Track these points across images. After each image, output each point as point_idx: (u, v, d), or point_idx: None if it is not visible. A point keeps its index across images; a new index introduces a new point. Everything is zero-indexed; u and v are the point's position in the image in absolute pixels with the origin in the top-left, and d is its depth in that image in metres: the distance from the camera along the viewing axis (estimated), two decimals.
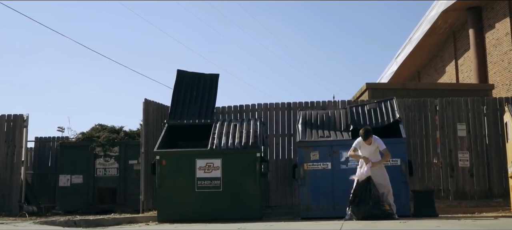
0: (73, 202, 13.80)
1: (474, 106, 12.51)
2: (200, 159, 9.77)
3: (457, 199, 12.03)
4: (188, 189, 9.71)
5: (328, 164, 9.69)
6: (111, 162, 14.13)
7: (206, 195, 9.69)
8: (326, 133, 10.12)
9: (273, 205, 12.38)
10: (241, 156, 9.78)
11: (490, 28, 19.12)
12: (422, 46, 23.47)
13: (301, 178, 9.70)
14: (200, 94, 11.54)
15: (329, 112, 10.76)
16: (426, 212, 8.89)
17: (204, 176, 9.73)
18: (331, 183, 9.64)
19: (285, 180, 12.34)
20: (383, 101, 10.54)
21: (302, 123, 10.35)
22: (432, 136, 12.38)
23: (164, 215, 9.66)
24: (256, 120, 10.56)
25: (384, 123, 10.09)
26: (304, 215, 9.65)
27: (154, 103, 12.44)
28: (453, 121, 12.42)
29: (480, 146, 12.38)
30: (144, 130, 11.95)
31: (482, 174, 12.24)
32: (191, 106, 11.32)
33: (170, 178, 9.77)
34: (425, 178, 12.24)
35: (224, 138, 9.97)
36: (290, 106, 12.84)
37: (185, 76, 11.75)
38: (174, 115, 11.16)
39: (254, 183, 9.67)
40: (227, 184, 9.69)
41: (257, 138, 9.92)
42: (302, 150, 9.80)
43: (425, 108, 12.52)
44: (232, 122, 10.54)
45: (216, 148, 9.83)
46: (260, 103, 13.02)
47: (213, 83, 11.71)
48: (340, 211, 9.14)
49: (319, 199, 9.65)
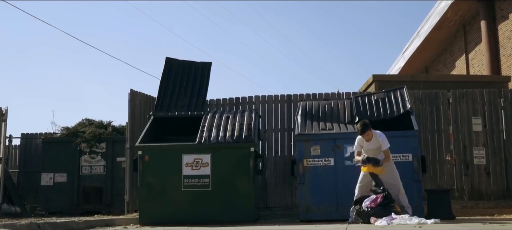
0: (56, 202, 12.88)
1: (491, 99, 11.49)
2: (187, 155, 8.73)
3: (472, 199, 11.04)
4: (173, 188, 8.68)
5: (331, 160, 8.63)
6: (98, 159, 13.17)
7: (194, 195, 8.65)
8: (329, 125, 9.06)
9: (271, 206, 11.37)
10: (233, 150, 8.74)
11: (503, 19, 18.02)
12: (430, 40, 22.36)
13: (300, 175, 8.65)
14: (190, 84, 10.48)
15: (332, 103, 9.70)
16: (442, 214, 7.82)
17: (192, 173, 8.69)
18: (334, 181, 8.59)
19: (284, 179, 11.29)
20: (392, 91, 9.46)
21: (302, 114, 9.30)
22: (444, 130, 11.37)
23: (146, 217, 8.64)
24: (251, 112, 9.51)
25: (394, 114, 9.01)
26: (303, 217, 8.60)
27: (142, 95, 11.43)
28: (468, 115, 11.42)
29: (497, 142, 11.36)
30: (129, 124, 10.95)
31: (499, 172, 11.23)
32: (180, 97, 10.26)
33: (153, 176, 8.75)
34: (437, 177, 11.23)
35: (214, 131, 8.93)
36: (290, 98, 11.79)
37: (174, 64, 10.70)
38: (161, 106, 10.11)
39: (247, 181, 8.61)
40: (217, 182, 8.65)
41: (251, 131, 8.88)
42: (302, 144, 8.75)
43: (437, 101, 11.51)
44: (224, 113, 9.51)
45: (205, 142, 8.79)
46: (258, 96, 11.99)
47: (205, 72, 10.64)
48: (344, 212, 8.11)
49: (321, 199, 8.61)
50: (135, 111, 11.13)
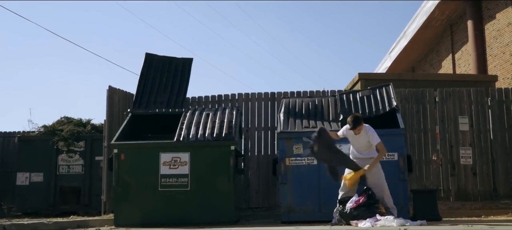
0: (32, 202, 12.46)
1: (478, 98, 11.29)
2: (165, 153, 8.37)
3: (458, 200, 10.82)
4: (150, 187, 8.31)
5: (314, 159, 8.32)
6: (76, 158, 12.75)
7: (172, 195, 8.29)
8: (312, 123, 8.74)
9: (254, 207, 11.05)
10: (212, 149, 8.39)
11: (490, 18, 17.90)
12: (417, 40, 22.21)
13: (282, 175, 8.32)
14: (170, 80, 10.15)
15: (316, 100, 9.39)
16: (428, 215, 7.53)
17: (170, 172, 8.33)
18: (317, 180, 8.26)
19: (267, 179, 10.97)
20: (378, 88, 9.17)
21: (285, 112, 8.98)
22: (431, 130, 11.14)
23: (122, 218, 8.27)
24: (232, 109, 9.18)
25: (379, 112, 8.71)
26: (285, 219, 8.28)
27: (121, 92, 11.05)
28: (454, 114, 11.20)
29: (484, 142, 11.16)
30: (107, 122, 10.58)
31: (486, 172, 11.03)
32: (159, 94, 9.92)
33: (129, 175, 8.36)
34: (423, 177, 10.99)
35: (193, 128, 8.59)
36: (274, 96, 11.48)
37: (154, 60, 10.36)
38: (139, 103, 9.76)
39: (227, 180, 8.27)
40: (196, 181, 8.30)
41: (231, 129, 8.55)
42: (284, 143, 8.42)
43: (423, 100, 11.29)
44: (204, 111, 9.18)
45: (184, 140, 8.44)
46: (241, 93, 11.65)
47: (186, 68, 10.31)
48: (328, 213, 7.79)
49: (303, 199, 8.28)
50: (113, 109, 10.75)
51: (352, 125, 7.39)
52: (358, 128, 7.37)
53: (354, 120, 7.40)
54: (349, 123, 7.43)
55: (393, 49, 24.69)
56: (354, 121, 7.39)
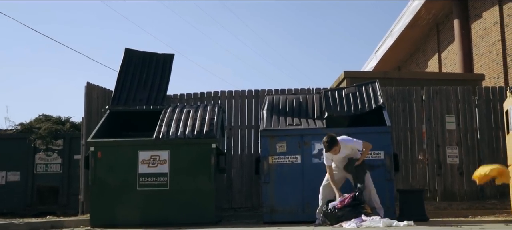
0: (9, 202, 12.04)
1: (465, 96, 11.12)
2: (144, 151, 8.06)
3: (444, 200, 10.63)
4: (128, 187, 7.98)
5: (298, 157, 8.05)
6: (54, 157, 12.38)
7: (150, 195, 7.98)
8: (296, 120, 8.48)
9: (237, 207, 10.77)
10: (192, 147, 8.09)
11: (477, 17, 17.81)
12: (403, 39, 22.07)
13: (264, 174, 8.03)
14: (151, 77, 9.81)
15: (301, 97, 9.13)
16: (415, 215, 7.30)
17: (148, 171, 8.02)
18: (301, 180, 8.00)
19: (251, 178, 10.68)
20: (364, 85, 8.93)
21: (268, 109, 8.70)
22: (417, 129, 10.95)
23: (98, 219, 7.94)
24: (214, 106, 8.89)
25: (365, 109, 8.46)
26: (267, 219, 8.00)
27: (99, 88, 10.70)
28: (441, 113, 11.02)
29: (471, 141, 10.98)
30: (85, 119, 10.23)
31: (473, 172, 10.74)
32: (139, 90, 9.58)
33: (106, 174, 8.04)
34: (410, 177, 10.79)
35: (173, 125, 8.29)
36: (258, 93, 11.21)
37: (134, 55, 10.02)
38: (118, 99, 9.42)
39: (208, 180, 7.98)
40: (176, 181, 7.99)
41: (213, 126, 8.25)
42: (267, 140, 8.14)
43: (410, 98, 11.09)
44: (185, 108, 8.88)
45: (163, 137, 8.13)
46: (224, 91, 11.36)
47: (167, 65, 9.99)
48: (311, 214, 7.58)
49: (286, 199, 8.01)
50: (92, 106, 10.41)
51: (327, 147, 7.08)
52: (333, 148, 7.09)
53: (328, 141, 7.07)
54: (325, 146, 7.12)
55: (379, 48, 24.55)
56: (328, 143, 7.07)
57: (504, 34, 16.18)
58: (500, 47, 16.29)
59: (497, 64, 16.45)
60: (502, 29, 16.26)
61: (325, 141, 7.09)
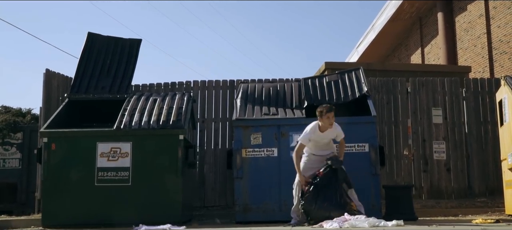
0: None
1: (452, 88, 10.51)
2: (103, 143, 7.22)
3: (431, 198, 10.03)
4: (85, 183, 7.13)
5: (274, 150, 7.28)
6: (12, 151, 11.49)
7: (110, 192, 7.13)
8: (273, 110, 7.70)
9: (210, 205, 9.98)
10: (158, 138, 7.26)
11: (461, 10, 17.32)
12: (385, 34, 21.54)
13: (237, 168, 7.24)
14: (115, 64, 8.95)
15: (278, 85, 8.37)
16: (402, 214, 6.61)
17: (108, 165, 7.18)
18: (278, 175, 7.23)
19: (225, 174, 9.87)
20: (347, 72, 8.20)
21: (242, 97, 7.93)
22: (402, 122, 10.30)
23: (51, 219, 7.08)
24: (183, 95, 8.08)
25: (348, 98, 7.73)
26: (240, 218, 7.21)
27: (61, 76, 9.84)
28: (428, 105, 10.39)
29: (458, 135, 10.37)
30: (44, 109, 9.39)
31: (461, 168, 10.24)
32: (102, 78, 8.72)
33: (61, 168, 7.18)
34: (394, 173, 10.15)
35: (137, 115, 7.46)
36: (233, 84, 10.42)
37: (98, 40, 9.16)
38: (78, 87, 8.55)
39: (175, 175, 7.16)
40: (139, 176, 7.16)
41: (181, 116, 7.45)
42: (240, 131, 7.35)
43: (394, 90, 10.45)
44: (152, 96, 8.06)
45: (125, 128, 7.30)
46: (196, 81, 10.56)
47: (133, 51, 9.14)
48: (289, 213, 6.79)
49: (261, 196, 7.22)
50: (51, 95, 9.56)
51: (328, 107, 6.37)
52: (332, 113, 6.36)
53: (330, 106, 6.41)
54: (326, 107, 6.38)
55: (361, 43, 24.00)
56: (330, 106, 6.40)
57: (490, 27, 15.71)
58: (486, 40, 15.81)
59: (483, 58, 15.97)
60: (488, 22, 15.80)
61: (325, 106, 6.42)
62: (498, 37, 15.34)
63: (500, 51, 15.27)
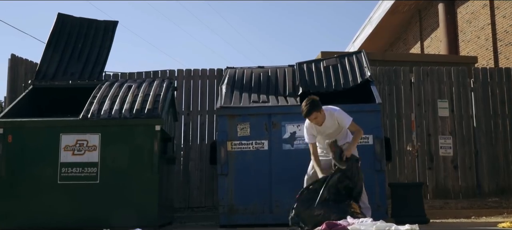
0: None
1: (459, 79, 9.72)
2: (67, 134, 6.28)
3: (437, 198, 9.26)
4: (46, 180, 6.19)
5: (264, 143, 6.36)
6: None
7: (75, 190, 6.20)
8: (263, 97, 6.77)
9: (195, 206, 9.08)
10: (130, 129, 6.33)
11: (464, 1, 16.47)
12: (383, 27, 20.64)
13: (221, 163, 6.33)
14: (88, 47, 8.00)
15: (269, 71, 7.43)
16: (411, 216, 5.73)
17: (73, 160, 6.24)
18: (268, 171, 6.34)
19: (212, 172, 8.97)
20: (347, 56, 7.29)
21: (228, 83, 6.99)
22: (406, 115, 9.50)
23: (6, 222, 6.14)
24: (162, 81, 7.15)
25: (349, 84, 6.81)
26: (225, 221, 6.28)
27: (28, 63, 8.94)
28: (433, 97, 9.61)
29: (466, 130, 9.59)
30: (8, 98, 8.47)
31: (469, 165, 9.46)
32: (72, 63, 7.77)
33: (18, 163, 6.25)
34: (397, 170, 9.36)
35: (107, 103, 6.53)
36: (221, 73, 9.46)
37: (69, 21, 8.22)
38: (44, 73, 7.59)
39: (150, 171, 6.22)
40: (108, 173, 6.22)
41: (158, 104, 6.51)
42: (225, 121, 6.42)
43: (397, 81, 9.67)
44: (126, 82, 7.14)
45: (92, 117, 6.36)
46: (181, 69, 9.67)
47: (108, 34, 8.20)
48: (282, 214, 5.86)
49: (249, 196, 6.30)
50: (17, 83, 8.65)
51: (306, 111, 5.30)
52: (313, 115, 5.30)
53: (308, 104, 5.28)
54: (303, 111, 5.33)
55: (357, 37, 23.11)
56: (308, 106, 5.28)
57: (495, 17, 14.87)
58: (490, 31, 14.97)
59: (487, 50, 15.12)
60: (492, 12, 14.97)
61: (303, 105, 5.33)
62: (503, 28, 14.52)
63: (505, 42, 14.44)
